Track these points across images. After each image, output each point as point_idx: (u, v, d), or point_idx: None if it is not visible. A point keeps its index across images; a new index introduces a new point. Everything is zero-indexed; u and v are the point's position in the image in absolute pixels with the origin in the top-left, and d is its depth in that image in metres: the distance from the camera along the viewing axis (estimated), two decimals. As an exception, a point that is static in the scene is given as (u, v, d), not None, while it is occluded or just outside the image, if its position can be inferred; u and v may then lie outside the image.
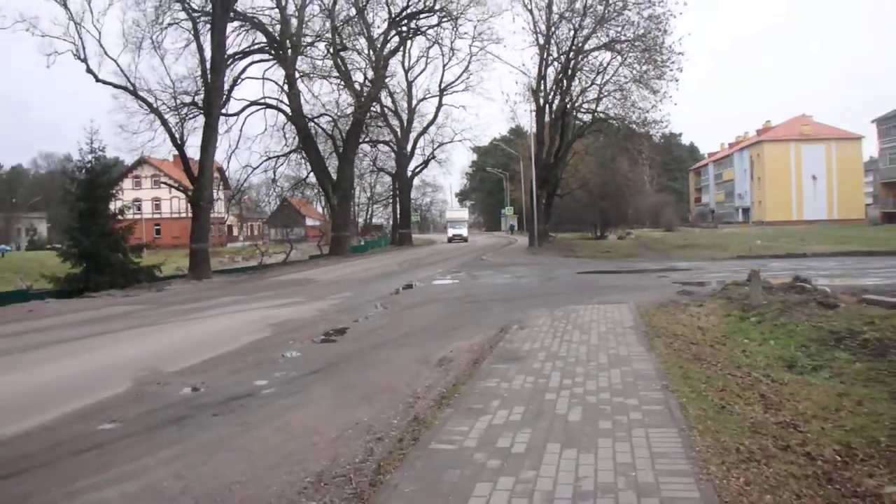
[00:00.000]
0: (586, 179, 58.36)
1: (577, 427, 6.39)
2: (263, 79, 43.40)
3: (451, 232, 78.25)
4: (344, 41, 44.24)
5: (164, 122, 34.78)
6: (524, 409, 7.04)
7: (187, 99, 36.07)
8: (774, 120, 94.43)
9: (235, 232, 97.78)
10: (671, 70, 40.65)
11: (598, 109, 45.69)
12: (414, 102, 62.54)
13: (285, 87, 43.28)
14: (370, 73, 47.82)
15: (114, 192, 33.70)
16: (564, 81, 45.00)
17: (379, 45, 48.96)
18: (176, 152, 37.45)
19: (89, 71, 32.67)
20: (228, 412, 8.05)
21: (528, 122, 50.89)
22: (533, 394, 7.68)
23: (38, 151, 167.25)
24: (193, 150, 36.03)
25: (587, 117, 47.55)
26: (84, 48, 32.21)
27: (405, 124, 61.93)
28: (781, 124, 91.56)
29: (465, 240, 74.55)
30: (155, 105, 34.77)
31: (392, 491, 5.09)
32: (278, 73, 43.45)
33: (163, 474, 6.01)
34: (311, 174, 49.68)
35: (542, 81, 45.09)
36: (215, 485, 5.67)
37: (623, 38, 41.61)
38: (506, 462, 5.53)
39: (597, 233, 63.74)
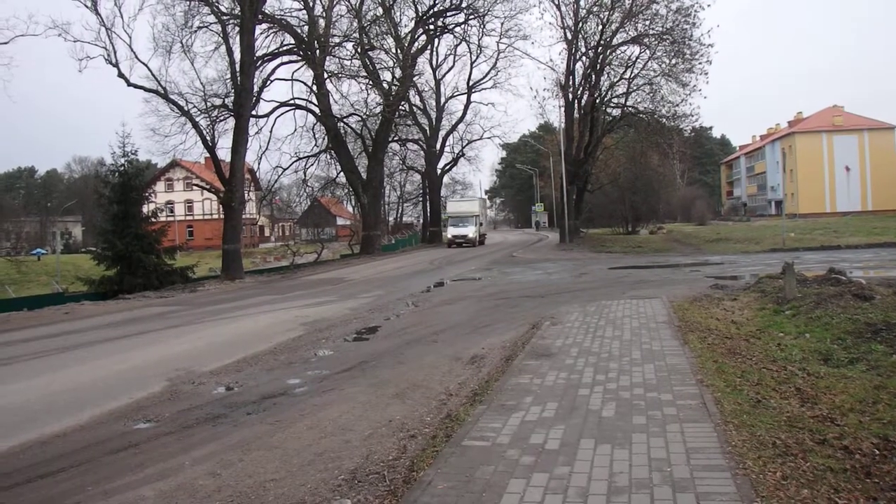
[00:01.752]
0: (616, 174, 57.97)
1: (611, 422, 6.34)
2: (292, 80, 43.83)
3: (451, 232, 55.41)
4: (371, 41, 44.38)
5: (196, 125, 35.12)
6: (557, 405, 7.00)
7: (218, 101, 36.45)
8: (806, 111, 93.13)
9: (267, 232, 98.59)
10: (700, 63, 40.38)
11: (628, 104, 45.49)
12: (442, 100, 62.61)
13: (314, 88, 43.57)
14: (398, 72, 47.93)
15: (146, 194, 34.19)
16: (593, 76, 44.79)
17: (406, 44, 49.03)
18: (207, 154, 37.81)
19: (121, 75, 33.08)
20: (262, 411, 8.09)
21: (557, 118, 50.71)
22: (566, 390, 7.63)
23: (72, 156, 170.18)
24: (224, 152, 36.43)
25: (616, 112, 47.34)
26: (115, 53, 32.62)
27: (434, 122, 61.99)
28: (813, 115, 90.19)
29: (474, 243, 53.83)
30: (186, 108, 35.15)
31: (426, 488, 5.07)
32: (307, 74, 43.80)
33: (198, 472, 6.05)
34: (341, 174, 49.97)
35: (571, 77, 44.89)
36: (250, 483, 5.69)
37: (651, 31, 41.35)
38: (539, 458, 5.49)
39: (628, 228, 63.24)
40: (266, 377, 10.01)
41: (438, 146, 63.61)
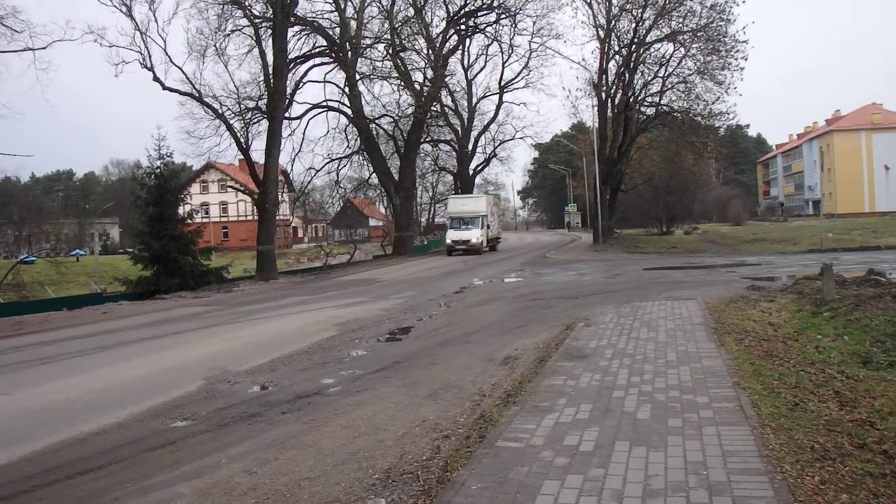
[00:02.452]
0: (651, 174, 57.42)
1: (647, 425, 6.29)
2: (325, 82, 44.10)
3: (450, 236, 45.07)
4: (403, 42, 44.51)
5: (230, 127, 35.49)
6: (591, 407, 6.96)
7: (251, 104, 36.82)
8: (844, 109, 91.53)
9: (300, 233, 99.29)
10: (735, 60, 39.83)
11: (662, 102, 45.07)
12: (474, 101, 62.42)
13: (346, 90, 43.78)
14: (430, 73, 48.00)
15: (182, 196, 34.64)
16: (626, 75, 44.45)
17: (438, 45, 49.07)
18: (241, 156, 38.20)
19: (156, 79, 33.53)
20: (296, 410, 8.14)
21: (591, 118, 50.43)
22: (600, 391, 7.59)
23: (110, 159, 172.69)
24: (258, 154, 36.79)
25: (650, 111, 46.91)
26: (150, 57, 33.07)
27: (466, 123, 61.86)
28: (851, 113, 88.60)
29: (478, 250, 43.26)
30: (220, 110, 35.55)
31: (459, 488, 5.07)
32: (339, 76, 44.08)
33: (233, 470, 6.11)
34: (374, 175, 50.18)
35: (604, 75, 44.59)
36: (285, 481, 5.73)
37: (685, 28, 40.88)
38: (574, 460, 5.47)
39: (662, 228, 62.68)
40: (300, 377, 10.08)
41: (470, 147, 63.43)
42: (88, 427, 7.83)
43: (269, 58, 35.35)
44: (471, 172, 66.04)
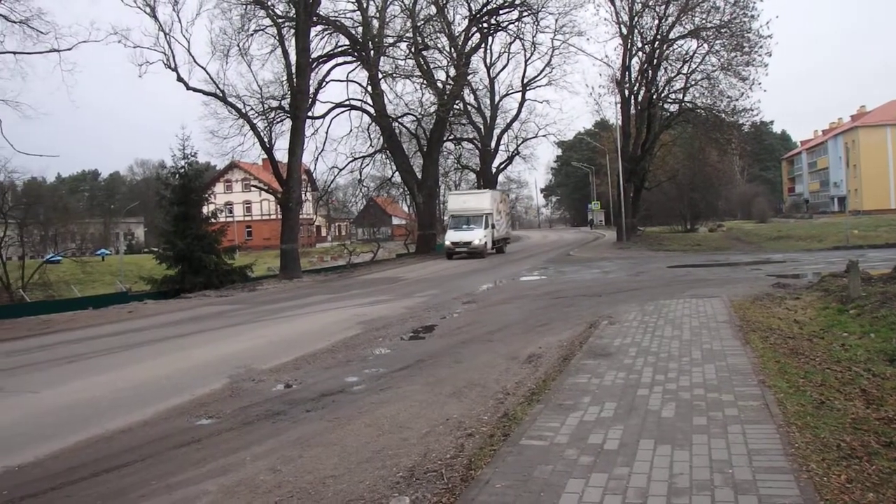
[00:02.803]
0: (674, 171, 56.97)
1: (671, 423, 6.25)
2: (347, 81, 44.16)
3: (449, 238, 40.25)
4: (425, 40, 44.49)
5: (253, 127, 35.66)
6: (616, 405, 6.93)
7: (274, 103, 36.97)
8: (869, 105, 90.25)
9: (324, 232, 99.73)
10: (759, 56, 39.50)
11: (685, 99, 44.78)
12: (497, 99, 62.23)
13: (369, 88, 43.86)
14: (452, 71, 47.93)
15: (206, 196, 34.82)
16: (649, 71, 44.19)
17: (460, 43, 49.01)
18: (265, 156, 38.36)
19: (180, 79, 33.74)
20: (321, 408, 8.17)
21: (614, 115, 50.16)
22: (624, 390, 7.55)
23: (134, 159, 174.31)
24: (282, 154, 36.95)
25: (674, 107, 46.63)
26: (174, 57, 33.27)
27: (488, 121, 61.70)
28: (877, 109, 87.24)
29: (481, 252, 38.71)
30: (244, 110, 35.72)
31: (483, 486, 5.06)
32: (362, 75, 44.13)
33: (258, 468, 6.14)
34: (397, 173, 50.26)
35: (627, 72, 44.37)
36: (309, 479, 5.75)
37: (709, 24, 40.58)
38: (598, 458, 5.44)
39: (686, 226, 62.20)
40: (324, 375, 10.11)
41: (493, 145, 63.25)
42: (115, 425, 7.90)
43: (292, 57, 35.51)
44: (494, 170, 65.90)
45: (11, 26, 22.05)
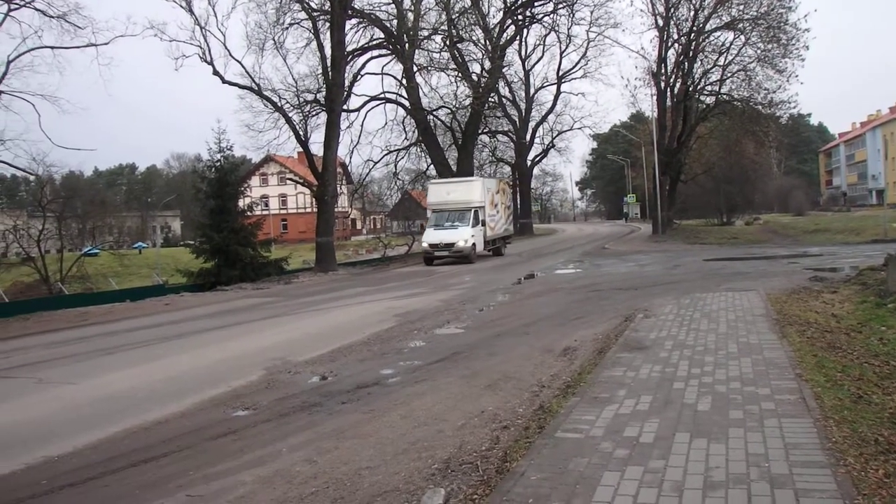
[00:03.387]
0: (711, 164, 56.35)
1: (707, 417, 6.18)
2: (382, 74, 44.18)
3: (428, 238, 33.43)
4: (460, 33, 44.35)
5: (289, 120, 35.85)
6: (651, 399, 6.86)
7: (310, 97, 37.10)
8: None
9: (359, 225, 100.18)
10: (797, 48, 38.90)
11: (722, 91, 44.29)
12: (532, 91, 62.21)
13: (403, 82, 43.82)
14: (487, 64, 47.86)
15: (242, 189, 35.10)
16: (685, 63, 43.71)
17: (495, 35, 48.85)
18: (300, 149, 38.55)
19: (216, 73, 33.98)
20: (356, 400, 8.20)
21: (649, 107, 49.68)
22: (660, 383, 7.47)
23: (171, 152, 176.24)
24: (317, 147, 37.10)
25: (710, 100, 46.13)
26: (210, 51, 33.48)
27: (523, 114, 61.67)
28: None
29: (468, 256, 31.78)
30: (279, 104, 35.89)
31: (519, 478, 5.04)
32: (396, 68, 44.09)
33: (295, 459, 6.19)
34: (431, 166, 50.17)
35: (663, 64, 43.92)
36: (345, 470, 5.77)
37: (745, 16, 40.02)
38: (633, 451, 5.40)
39: (722, 219, 61.60)
40: (360, 367, 10.15)
41: (528, 137, 63.22)
42: (152, 416, 8.02)
43: (327, 51, 35.59)
44: (529, 163, 65.81)
45: (49, 21, 22.47)
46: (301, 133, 36.45)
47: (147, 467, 6.35)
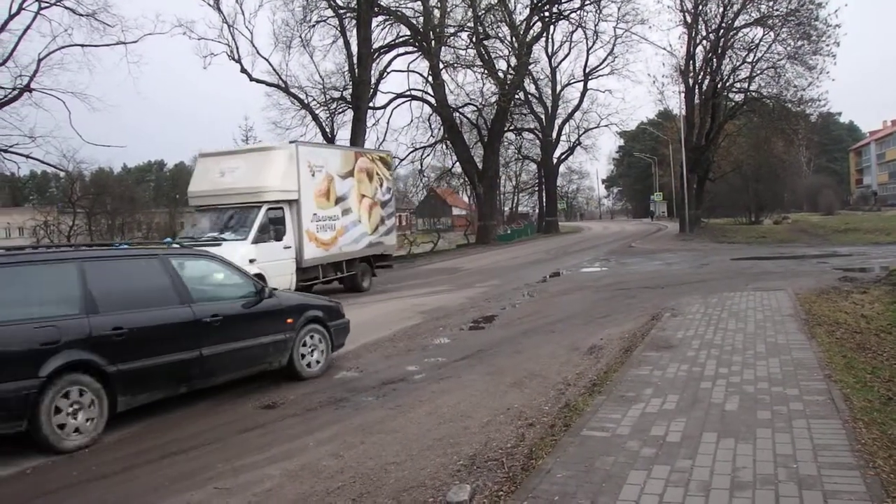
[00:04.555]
0: (739, 162, 55.74)
1: (735, 417, 6.17)
2: (408, 71, 44.28)
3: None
4: (486, 29, 44.31)
5: (315, 117, 36.10)
6: (678, 398, 6.85)
7: (336, 94, 37.36)
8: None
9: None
10: (827, 45, 38.38)
11: (751, 89, 43.72)
12: (558, 88, 61.83)
13: (429, 79, 43.93)
14: (513, 61, 47.69)
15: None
16: (714, 60, 43.23)
17: (521, 32, 48.68)
18: (326, 146, 38.61)
19: (243, 71, 34.29)
20: (382, 396, 8.27)
21: (677, 104, 49.38)
22: (687, 382, 7.45)
23: (199, 149, 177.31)
24: (343, 144, 37.18)
25: (739, 97, 45.61)
26: (237, 49, 33.79)
27: (550, 111, 61.35)
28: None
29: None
30: (306, 101, 36.15)
31: (545, 476, 5.06)
32: (422, 65, 44.18)
33: (322, 453, 6.25)
34: (457, 164, 50.25)
35: (691, 61, 43.51)
36: (371, 465, 5.82)
37: (775, 13, 39.52)
38: (660, 450, 5.40)
39: (751, 218, 60.90)
40: (385, 363, 10.21)
41: (554, 135, 62.91)
42: (184, 410, 8.14)
43: (354, 48, 35.78)
44: (555, 161, 65.55)
45: (79, 19, 22.78)
46: (328, 130, 36.66)
47: (176, 460, 6.46)
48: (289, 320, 9.20)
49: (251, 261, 15.44)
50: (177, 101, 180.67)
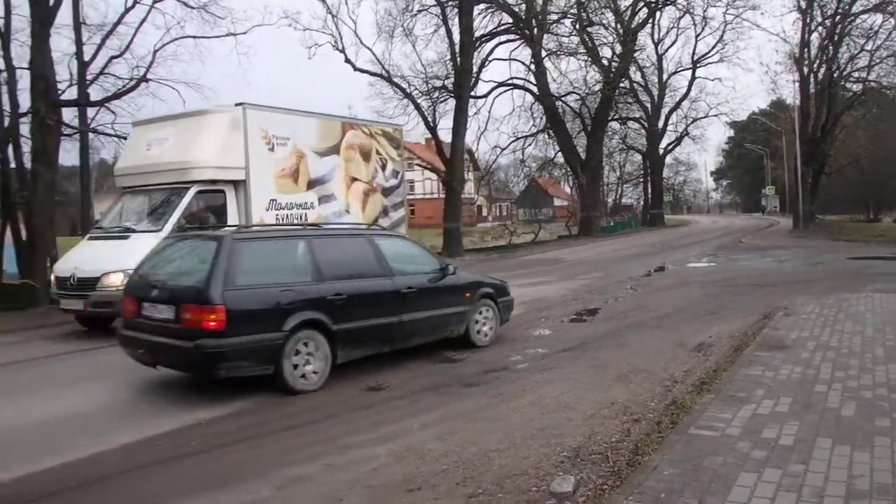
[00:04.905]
0: (857, 156, 53.07)
1: (851, 422, 5.90)
2: (510, 59, 44.03)
3: (63, 265, 13.48)
4: (590, 16, 43.58)
5: (417, 107, 36.35)
6: (791, 401, 6.60)
7: (438, 83, 37.47)
8: None
9: (485, 212, 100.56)
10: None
11: (870, 78, 41.42)
12: (664, 76, 60.43)
13: (532, 67, 43.60)
14: (618, 48, 46.82)
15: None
16: (830, 48, 41.14)
17: (626, 18, 47.69)
18: (427, 135, 39.05)
19: (348, 61, 34.81)
20: (485, 383, 8.31)
21: (790, 94, 47.42)
22: (801, 385, 7.18)
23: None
24: (444, 133, 37.47)
25: (857, 87, 43.31)
26: (341, 39, 34.27)
27: (656, 100, 60.04)
28: None
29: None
30: (408, 90, 36.45)
31: (651, 472, 4.98)
32: (524, 53, 43.87)
33: (426, 437, 6.35)
34: (559, 153, 49.76)
35: (805, 49, 41.53)
36: (474, 451, 5.86)
37: (896, -1, 37.27)
38: (772, 454, 5.22)
39: (869, 215, 58.11)
40: (487, 352, 10.24)
41: (661, 124, 61.52)
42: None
43: (456, 36, 35.81)
44: (661, 152, 64.16)
45: (190, 12, 23.50)
46: (429, 119, 36.91)
47: (290, 434, 6.71)
48: (467, 295, 10.40)
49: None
50: (284, 92, 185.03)
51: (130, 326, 8.45)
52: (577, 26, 43.15)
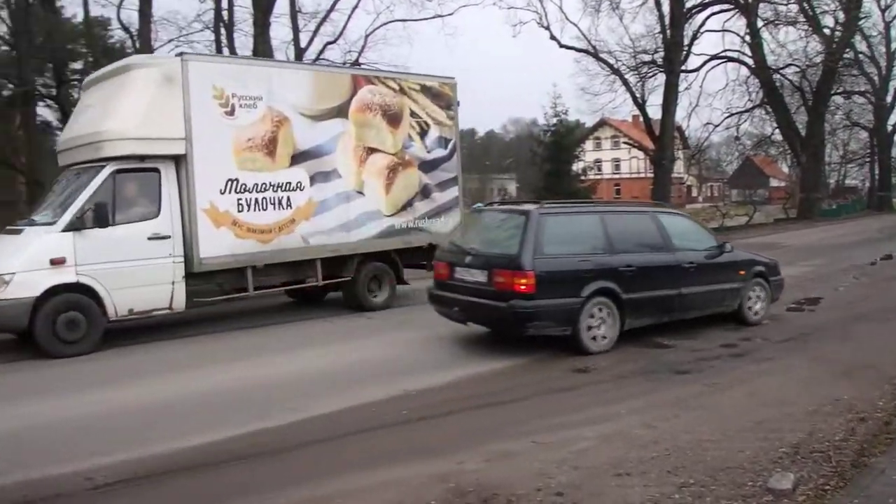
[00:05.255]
0: None
1: None
2: (723, 31, 41.64)
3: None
4: (811, -19, 40.47)
5: (625, 82, 35.68)
6: None
7: (646, 58, 36.43)
8: None
9: (694, 192, 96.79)
10: None
11: None
12: (893, 46, 54.93)
13: (747, 38, 41.18)
14: (841, 16, 43.14)
15: (577, 153, 35.48)
16: None
17: (851, -17, 43.83)
18: (634, 112, 38.17)
19: (552, 38, 34.75)
20: (697, 371, 8.13)
21: None
22: None
23: (507, 117, 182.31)
24: (653, 110, 36.51)
25: None
26: (546, 16, 34.37)
27: (883, 71, 54.82)
28: None
29: (11, 320, 9.36)
30: (615, 66, 35.76)
31: (878, 476, 4.74)
32: (739, 23, 41.37)
33: (633, 422, 6.30)
34: (776, 130, 46.89)
35: None
36: (686, 439, 5.77)
37: None
38: None
39: None
40: (699, 339, 9.92)
41: (889, 98, 56.19)
42: (501, 365, 8.67)
43: (665, 8, 34.66)
44: (890, 128, 58.69)
45: (400, -4, 24.62)
46: (637, 95, 36.06)
47: (494, 410, 6.92)
48: (741, 272, 10.81)
49: (55, 262, 9.50)
50: (487, 71, 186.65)
51: (442, 287, 9.82)
52: (797, -8, 40.24)
